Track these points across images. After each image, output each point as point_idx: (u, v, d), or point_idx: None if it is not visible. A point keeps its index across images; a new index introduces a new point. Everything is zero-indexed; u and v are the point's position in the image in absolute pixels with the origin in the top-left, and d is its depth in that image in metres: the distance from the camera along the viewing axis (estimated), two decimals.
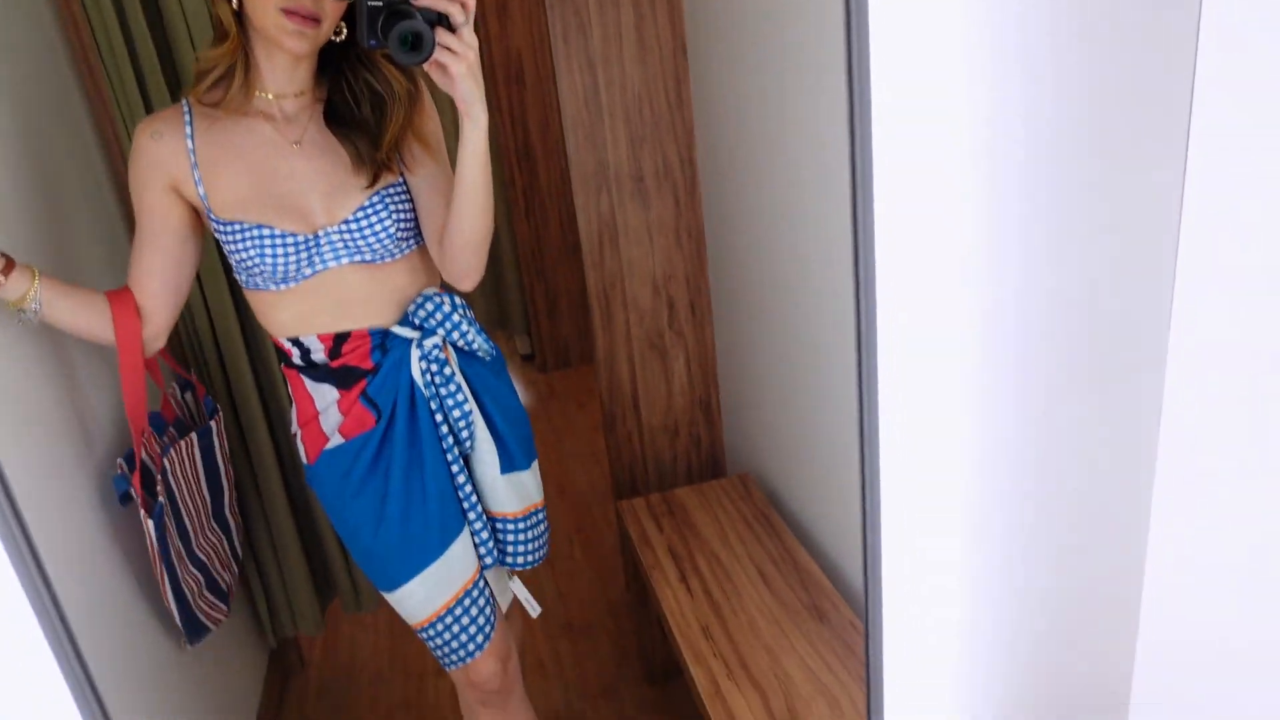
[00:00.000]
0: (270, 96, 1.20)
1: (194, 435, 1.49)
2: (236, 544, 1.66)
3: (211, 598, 1.53)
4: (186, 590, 1.44)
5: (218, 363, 1.79)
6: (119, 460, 1.35)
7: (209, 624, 1.52)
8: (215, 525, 1.58)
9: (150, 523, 1.32)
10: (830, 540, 1.71)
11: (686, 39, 1.89)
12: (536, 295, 3.67)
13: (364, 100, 1.22)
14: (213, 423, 1.55)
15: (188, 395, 1.58)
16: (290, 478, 1.94)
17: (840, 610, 1.57)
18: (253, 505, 1.90)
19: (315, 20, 1.11)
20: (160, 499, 1.36)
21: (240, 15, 1.13)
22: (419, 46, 1.03)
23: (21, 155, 1.30)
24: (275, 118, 1.21)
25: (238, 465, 1.87)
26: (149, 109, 1.59)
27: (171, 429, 1.47)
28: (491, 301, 3.83)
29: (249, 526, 1.90)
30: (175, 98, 1.59)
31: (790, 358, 1.75)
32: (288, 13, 1.09)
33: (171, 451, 1.41)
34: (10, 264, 1.08)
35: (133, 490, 1.31)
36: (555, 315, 3.73)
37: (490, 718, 1.47)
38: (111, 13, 1.53)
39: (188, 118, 1.19)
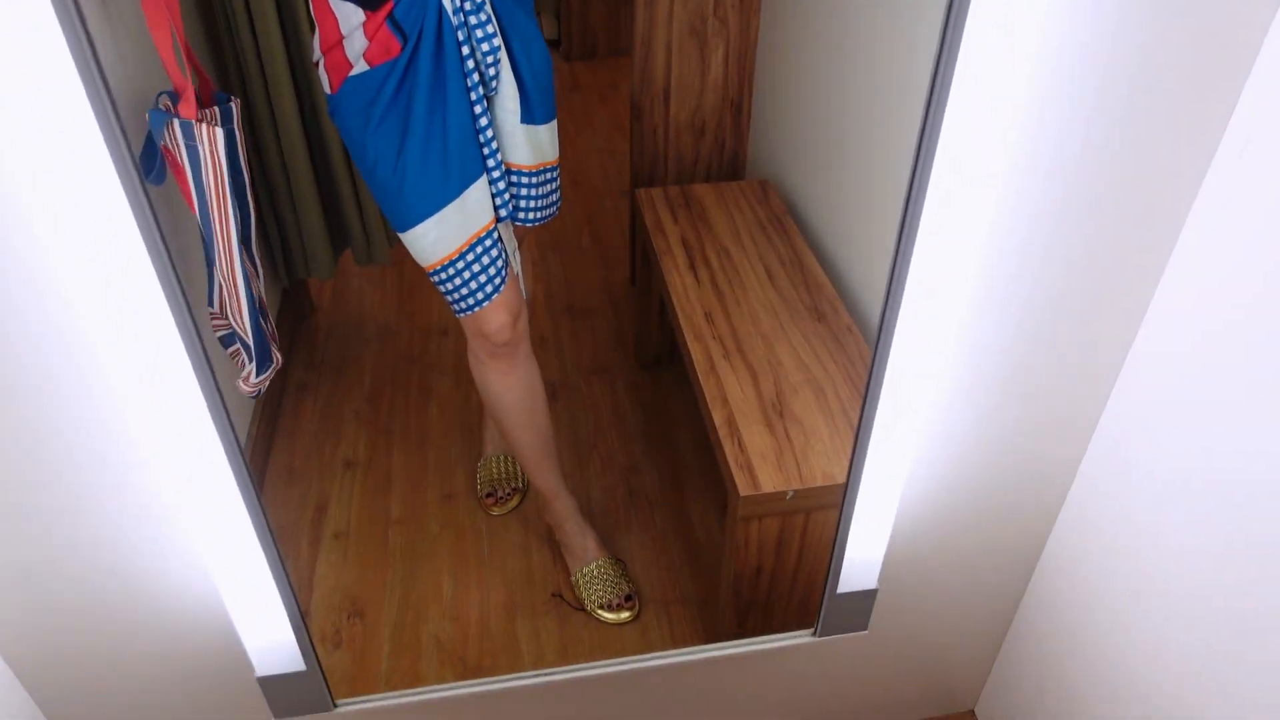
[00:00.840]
0: None
1: (214, 107, 1.27)
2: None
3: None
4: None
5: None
6: (160, 95, 1.18)
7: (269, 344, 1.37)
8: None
9: (219, 130, 1.15)
10: (839, 250, 1.71)
11: None
12: None
13: None
14: (233, 104, 1.32)
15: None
16: (308, 121, 1.89)
17: (839, 313, 1.60)
18: (270, 150, 1.87)
19: None
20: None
21: None
22: None
23: None
24: None
25: (255, 109, 1.80)
26: None
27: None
28: None
29: (266, 173, 1.87)
30: None
31: (834, 67, 1.65)
32: None
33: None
34: None
35: (176, 118, 1.15)
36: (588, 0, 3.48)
37: (498, 368, 1.54)
38: None
39: None
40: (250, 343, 1.33)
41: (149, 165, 1.25)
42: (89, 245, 0.80)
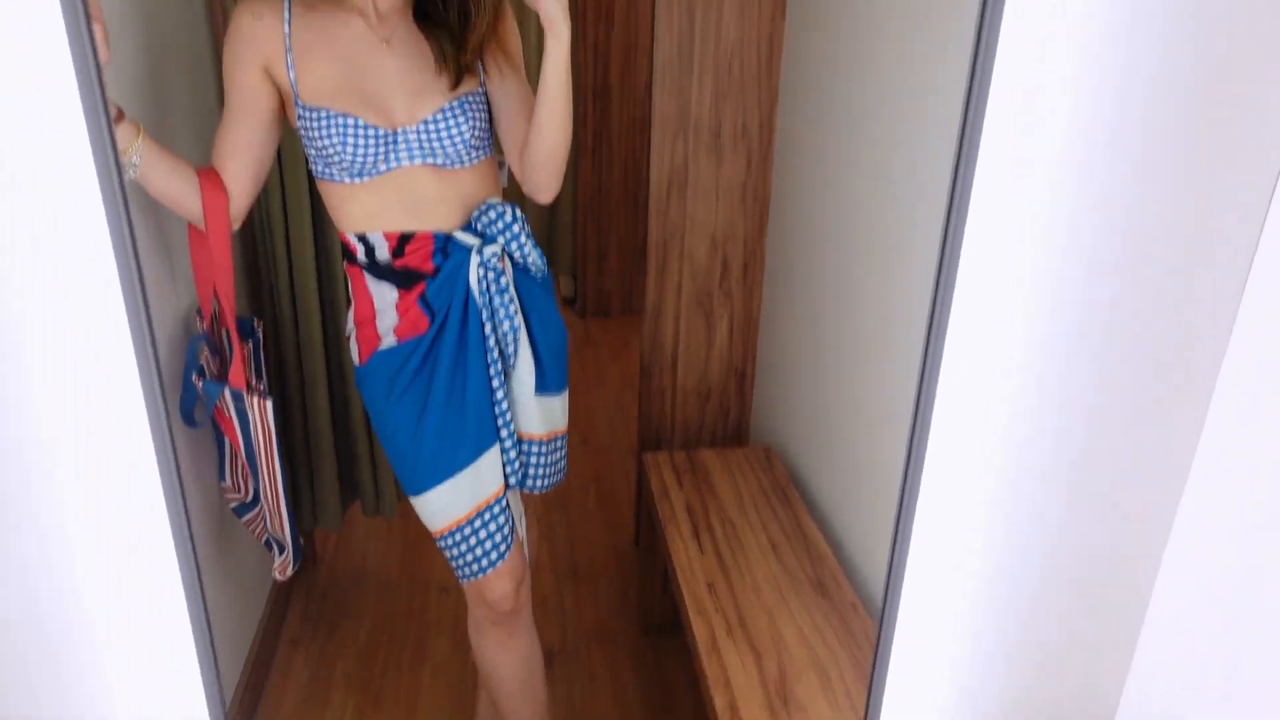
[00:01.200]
0: None
1: (250, 340, 1.48)
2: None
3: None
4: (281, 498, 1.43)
5: (285, 255, 1.83)
6: (192, 375, 1.33)
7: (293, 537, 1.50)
8: None
9: (269, 403, 1.31)
10: (842, 521, 1.72)
11: (787, 1, 1.87)
12: (588, 238, 3.67)
13: (452, 4, 1.26)
14: (259, 333, 1.54)
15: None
16: (334, 378, 1.98)
17: (843, 588, 1.58)
18: (294, 400, 1.95)
19: None
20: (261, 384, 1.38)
21: None
22: None
23: (129, 18, 1.32)
24: (369, 14, 1.25)
25: (283, 360, 1.91)
26: None
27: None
28: (543, 237, 3.85)
29: (287, 421, 1.95)
30: None
31: (833, 338, 1.75)
32: None
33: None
34: (120, 114, 1.11)
35: (228, 387, 1.31)
36: (604, 261, 3.73)
37: (498, 636, 1.51)
38: None
39: (287, 3, 1.23)
40: (288, 544, 1.49)
41: (188, 412, 1.35)
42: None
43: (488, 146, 1.34)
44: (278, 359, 1.94)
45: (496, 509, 1.40)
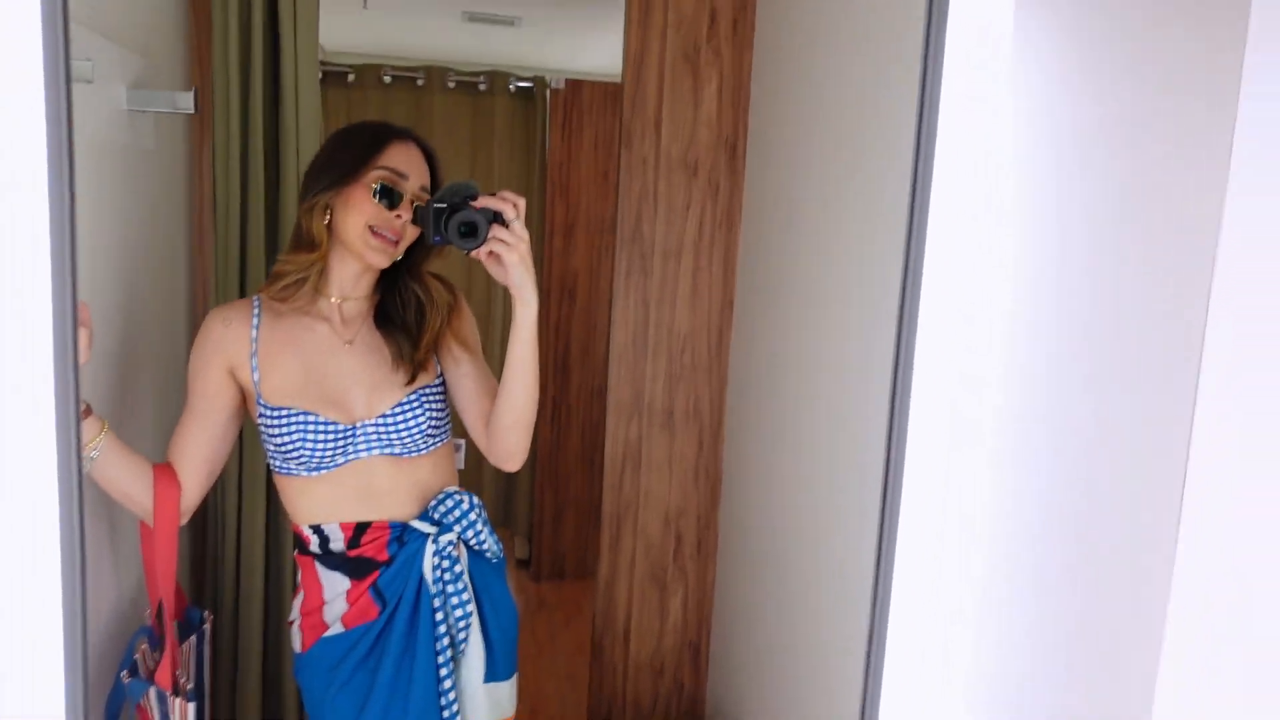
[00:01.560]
0: (334, 300, 1.31)
1: (193, 638, 1.42)
2: None
3: None
4: None
5: (234, 547, 1.81)
6: (121, 673, 1.29)
7: None
8: None
9: (191, 706, 1.26)
10: None
11: (736, 294, 2.04)
12: (545, 501, 3.69)
13: (410, 306, 1.34)
14: (206, 626, 1.47)
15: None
16: (269, 667, 1.90)
17: None
18: (223, 693, 1.86)
19: (396, 239, 1.26)
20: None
21: (329, 229, 1.26)
22: (474, 234, 1.19)
23: (111, 314, 1.39)
24: (333, 320, 1.32)
25: (219, 652, 1.84)
26: (242, 289, 1.73)
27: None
28: (500, 499, 3.86)
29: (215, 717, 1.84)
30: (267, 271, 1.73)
31: (789, 616, 1.74)
32: (375, 232, 1.24)
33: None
34: (88, 410, 1.14)
35: (154, 684, 1.26)
36: (560, 525, 3.73)
37: None
38: (236, 183, 1.71)
39: (256, 311, 1.29)
40: None
41: (113, 714, 1.28)
42: None
43: (444, 434, 1.38)
44: (214, 649, 1.86)
45: None
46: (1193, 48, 0.91)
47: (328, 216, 1.26)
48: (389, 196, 1.25)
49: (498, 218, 1.20)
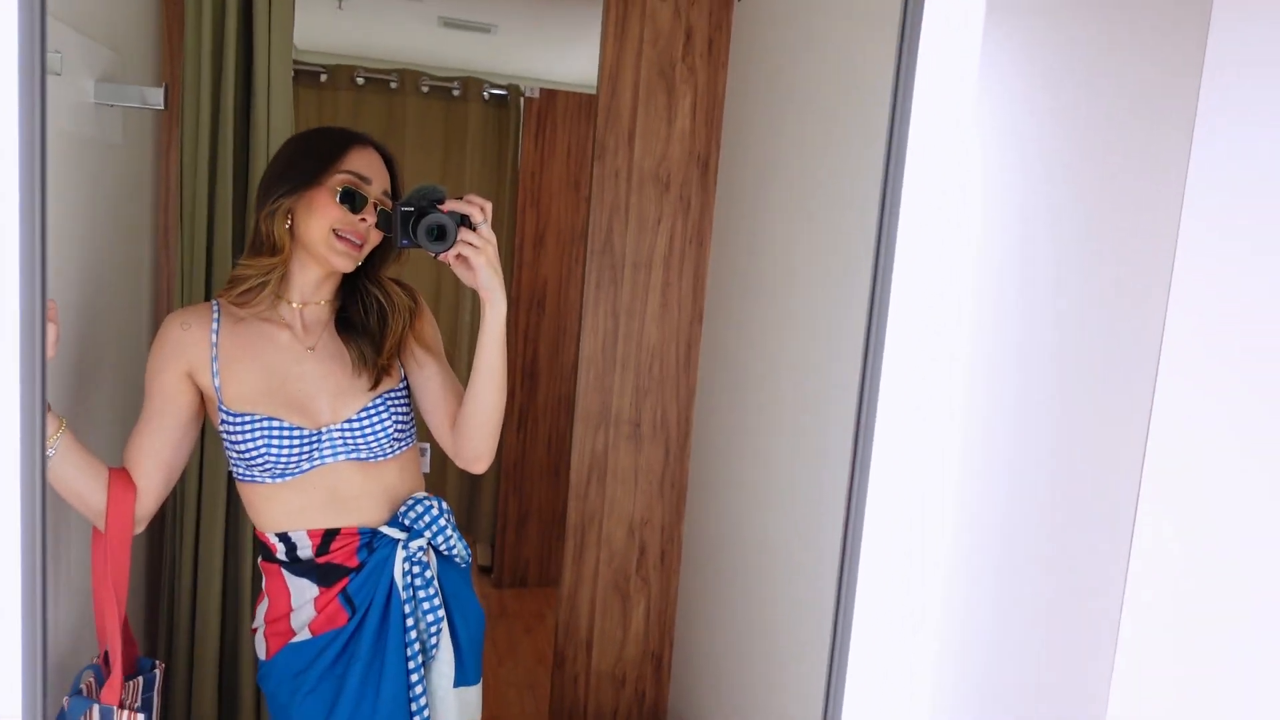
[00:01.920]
0: (295, 305, 1.30)
1: (140, 678, 1.35)
2: None
3: None
4: None
5: (191, 559, 1.77)
6: (85, 671, 1.26)
7: None
8: None
9: (140, 717, 1.23)
10: None
11: (705, 308, 2.05)
12: (509, 508, 3.67)
13: (372, 311, 1.33)
14: (156, 670, 1.40)
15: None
16: (225, 677, 1.87)
17: None
18: (178, 704, 1.82)
19: (360, 242, 1.25)
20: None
21: (290, 232, 1.25)
22: (443, 237, 1.19)
23: (72, 311, 1.37)
24: (294, 326, 1.30)
25: (173, 672, 1.80)
26: (208, 290, 1.70)
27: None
28: (464, 505, 3.83)
29: None
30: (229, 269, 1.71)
31: (751, 626, 1.75)
32: (339, 236, 1.23)
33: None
34: (48, 407, 1.12)
35: (97, 704, 1.21)
36: (523, 532, 3.71)
37: None
38: (205, 182, 1.68)
39: (216, 315, 1.27)
40: None
41: None
42: None
43: (410, 438, 1.37)
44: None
45: None
46: (1152, 71, 0.95)
47: (289, 221, 1.25)
48: (351, 200, 1.24)
49: (465, 221, 1.20)
